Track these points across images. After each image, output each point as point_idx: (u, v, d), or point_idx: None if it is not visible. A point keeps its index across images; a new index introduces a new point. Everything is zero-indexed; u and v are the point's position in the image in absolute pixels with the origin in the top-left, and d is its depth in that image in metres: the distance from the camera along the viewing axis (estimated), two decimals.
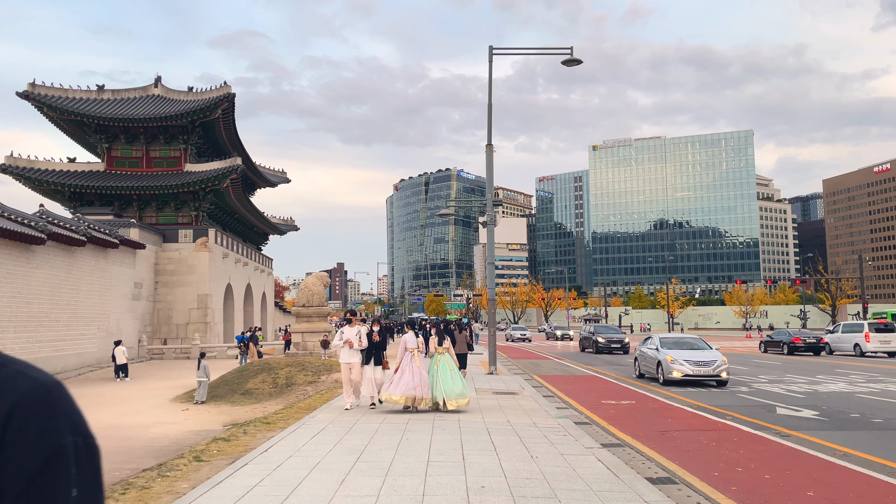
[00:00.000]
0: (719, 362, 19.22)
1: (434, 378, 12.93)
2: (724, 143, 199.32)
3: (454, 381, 13.03)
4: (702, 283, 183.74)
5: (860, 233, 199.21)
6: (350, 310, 15.02)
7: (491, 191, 22.31)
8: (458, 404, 12.76)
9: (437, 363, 13.17)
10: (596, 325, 40.93)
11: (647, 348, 21.79)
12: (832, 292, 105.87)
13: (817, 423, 12.25)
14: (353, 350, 13.24)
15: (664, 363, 19.68)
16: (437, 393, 12.82)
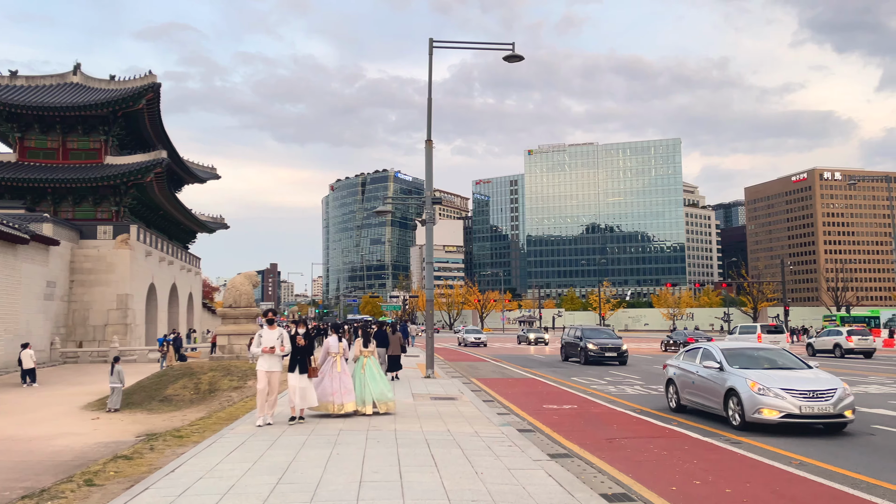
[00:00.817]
0: (840, 392, 11.24)
1: (361, 381, 12.74)
2: (654, 151, 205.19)
3: (384, 383, 13.09)
4: (631, 286, 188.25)
5: (779, 239, 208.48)
6: (270, 308, 12.96)
7: (430, 187, 21.51)
8: (388, 407, 12.80)
9: (363, 366, 13.01)
10: (583, 328, 32.46)
11: (699, 366, 13.45)
12: (754, 295, 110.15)
13: None
14: (273, 356, 11.28)
15: (745, 393, 11.46)
16: (366, 397, 12.65)
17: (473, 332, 52.66)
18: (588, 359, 29.69)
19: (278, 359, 11.37)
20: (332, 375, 12.34)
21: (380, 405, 12.70)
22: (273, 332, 11.34)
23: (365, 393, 12.61)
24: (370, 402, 12.56)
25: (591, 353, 29.70)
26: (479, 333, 52.19)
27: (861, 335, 36.18)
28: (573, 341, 31.79)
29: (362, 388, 12.64)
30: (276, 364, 11.33)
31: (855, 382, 21.13)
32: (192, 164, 60.05)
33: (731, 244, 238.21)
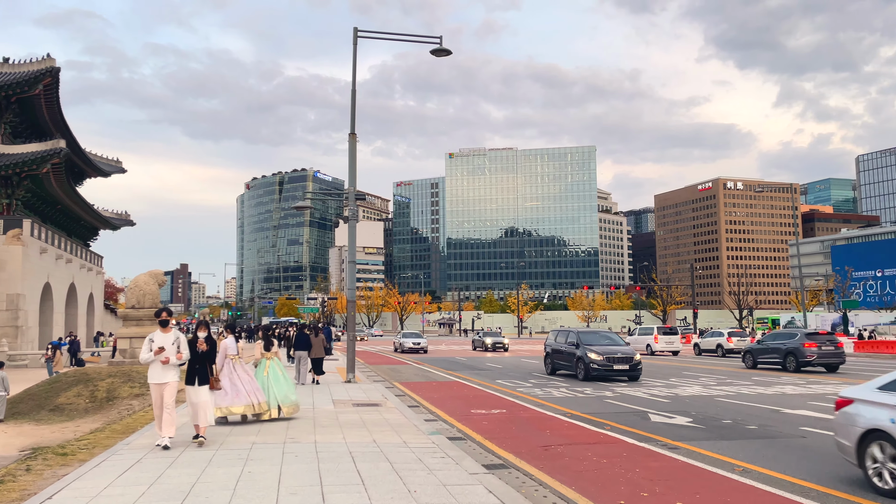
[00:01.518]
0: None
1: (265, 385, 12.36)
2: (570, 158, 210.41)
3: (288, 385, 12.69)
4: (548, 289, 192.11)
5: (686, 244, 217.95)
6: (164, 308, 10.85)
7: (354, 182, 20.53)
8: (292, 410, 12.46)
9: (266, 369, 12.67)
10: (579, 332, 24.59)
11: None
12: (663, 298, 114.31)
13: (696, 431, 11.72)
14: (168, 365, 9.39)
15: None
16: (271, 400, 12.17)
17: (412, 337, 45.07)
18: (590, 373, 22.04)
19: (174, 368, 9.52)
20: (241, 378, 11.68)
21: (284, 408, 12.31)
22: (167, 336, 9.46)
23: (269, 396, 12.28)
24: (275, 405, 12.26)
25: (595, 365, 21.97)
26: (419, 338, 44.77)
27: (740, 336, 39.25)
28: (565, 349, 24.12)
29: (266, 392, 12.31)
30: (171, 373, 9.45)
31: (770, 384, 21.62)
32: (96, 156, 56.28)
33: (642, 249, 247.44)
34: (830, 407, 15.06)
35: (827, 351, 26.60)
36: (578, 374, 22.85)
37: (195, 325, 10.35)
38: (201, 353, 9.77)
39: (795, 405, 15.48)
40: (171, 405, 9.36)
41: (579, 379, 22.53)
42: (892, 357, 38.59)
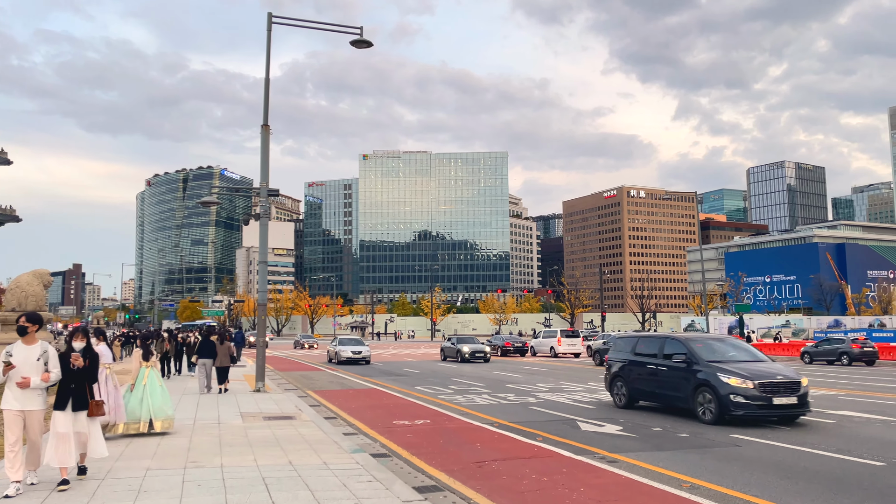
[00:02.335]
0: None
1: (139, 396, 11.47)
2: (483, 162, 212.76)
3: (164, 397, 11.80)
4: (460, 292, 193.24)
5: (591, 250, 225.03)
6: (25, 313, 7.87)
7: (266, 177, 19.19)
8: (166, 425, 11.56)
9: (144, 378, 11.80)
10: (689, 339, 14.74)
11: None
12: (572, 302, 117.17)
13: (630, 441, 11.30)
14: (31, 389, 7.19)
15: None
16: (143, 413, 11.18)
17: (351, 344, 36.42)
18: (729, 412, 12.65)
19: (39, 392, 7.30)
20: (108, 391, 10.46)
21: (157, 423, 11.38)
22: (31, 350, 7.27)
23: (142, 409, 11.29)
24: (146, 418, 11.30)
25: (741, 398, 12.45)
26: (360, 345, 36.21)
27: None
28: (661, 367, 14.65)
29: (139, 404, 11.31)
30: (36, 400, 7.25)
31: None
32: None
33: (550, 254, 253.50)
34: None
35: None
36: (703, 414, 13.22)
37: (69, 333, 8.11)
38: (77, 370, 7.59)
39: None
40: (38, 436, 7.32)
41: (705, 421, 13.07)
42: (789, 358, 40.59)
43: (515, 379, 25.03)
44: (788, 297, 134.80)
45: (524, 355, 44.73)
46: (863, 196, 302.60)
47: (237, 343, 32.68)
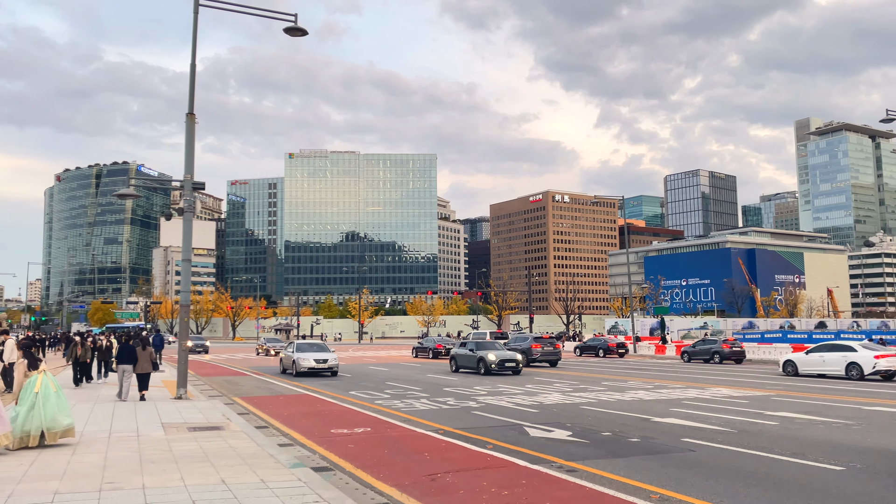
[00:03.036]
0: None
1: (32, 404, 10.36)
2: (412, 164, 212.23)
3: (60, 406, 10.67)
4: (388, 294, 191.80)
5: (518, 252, 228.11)
6: None
7: (191, 169, 17.91)
8: (63, 437, 10.59)
9: (37, 386, 10.66)
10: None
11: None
12: (499, 304, 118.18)
13: (583, 447, 10.89)
14: None
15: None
16: (33, 424, 10.13)
17: (312, 350, 29.28)
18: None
19: None
20: None
21: (49, 435, 10.33)
22: None
23: (32, 419, 10.17)
24: (37, 430, 10.24)
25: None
26: (323, 351, 29.17)
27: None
28: None
29: (28, 413, 10.20)
30: None
31: (623, 389, 21.85)
32: None
33: (477, 256, 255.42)
34: (694, 413, 15.10)
35: (548, 350, 35.28)
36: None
37: None
38: None
39: (660, 412, 15.36)
40: None
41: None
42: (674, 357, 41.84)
43: (452, 382, 24.50)
44: (703, 300, 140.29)
45: None
46: (770, 204, 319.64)
47: (156, 347, 30.81)
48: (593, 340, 50.88)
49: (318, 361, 28.11)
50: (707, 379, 26.05)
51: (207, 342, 58.47)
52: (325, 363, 28.15)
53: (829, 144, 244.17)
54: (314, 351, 29.10)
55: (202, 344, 56.56)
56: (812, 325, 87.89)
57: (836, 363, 26.01)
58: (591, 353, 48.34)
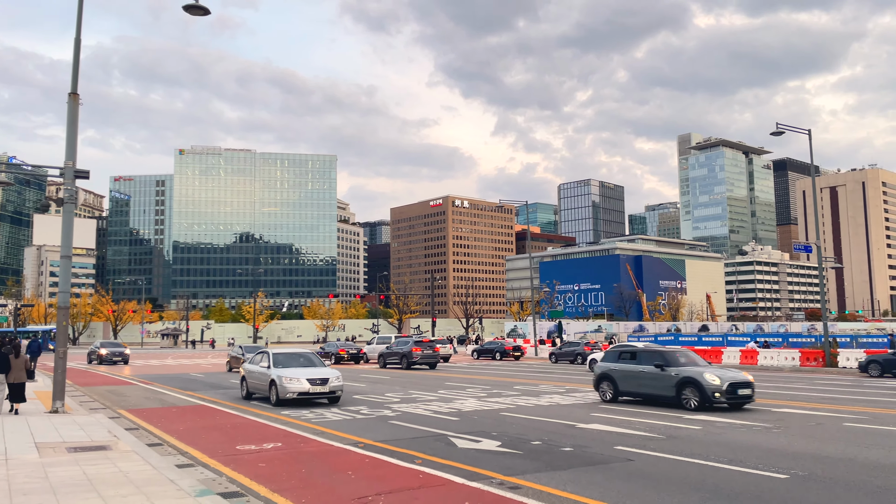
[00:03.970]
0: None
1: None
2: (311, 165, 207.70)
3: None
4: (283, 297, 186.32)
5: (418, 256, 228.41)
6: None
7: (73, 155, 15.95)
8: None
9: None
10: None
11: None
12: (400, 308, 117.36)
13: (517, 459, 10.25)
14: None
15: None
16: None
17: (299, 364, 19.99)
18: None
19: None
20: None
21: None
22: None
23: None
24: None
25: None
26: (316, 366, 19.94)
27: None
28: None
29: None
30: None
31: (539, 393, 21.59)
32: None
33: (377, 260, 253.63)
34: (616, 419, 14.88)
35: (427, 353, 36.29)
36: None
37: None
38: None
39: (583, 418, 15.04)
40: None
41: None
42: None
43: (361, 389, 23.42)
44: (594, 304, 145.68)
45: (358, 363, 43.11)
46: (654, 214, 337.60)
47: (33, 353, 27.83)
48: (490, 344, 51.24)
49: (313, 383, 18.29)
50: None
51: (127, 349, 45.74)
52: (325, 385, 18.39)
53: (708, 159, 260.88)
54: (302, 365, 19.78)
55: (119, 352, 44.29)
56: (696, 329, 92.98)
57: None
58: (487, 356, 48.47)
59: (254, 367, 20.40)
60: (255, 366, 20.46)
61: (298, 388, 18.09)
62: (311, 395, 18.21)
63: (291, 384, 18.11)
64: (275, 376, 18.55)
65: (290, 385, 18.11)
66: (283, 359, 19.94)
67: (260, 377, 19.63)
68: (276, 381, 18.34)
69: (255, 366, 20.46)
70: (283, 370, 18.89)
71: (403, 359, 36.33)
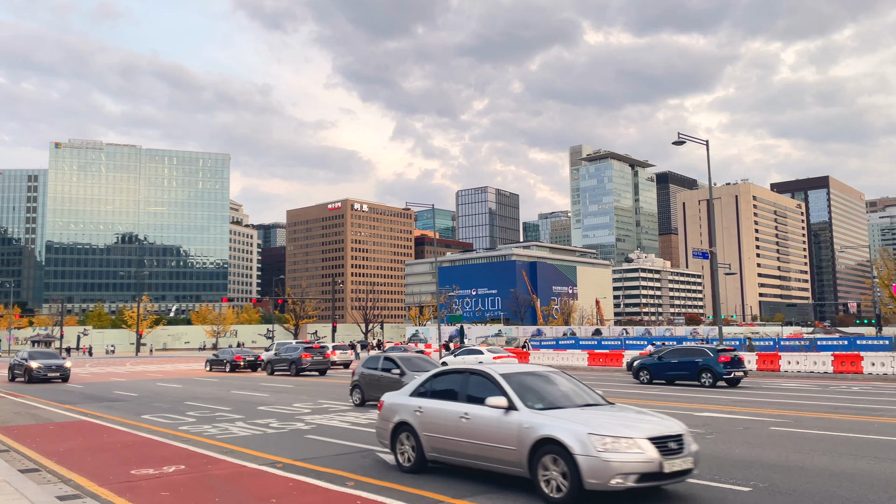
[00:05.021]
0: None
1: None
2: (202, 163, 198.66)
3: None
4: (170, 302, 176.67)
5: (315, 260, 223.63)
6: None
7: None
8: None
9: None
10: None
11: None
12: (297, 313, 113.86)
13: (460, 478, 9.37)
14: None
15: None
16: None
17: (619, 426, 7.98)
18: None
19: None
20: None
21: None
22: None
23: None
24: None
25: None
26: (644, 417, 8.44)
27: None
28: None
29: None
30: None
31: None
32: None
33: (271, 263, 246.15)
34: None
35: (318, 360, 35.80)
36: None
37: None
38: None
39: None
40: None
41: None
42: None
43: (265, 399, 21.78)
44: (491, 309, 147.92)
45: (256, 370, 40.80)
46: (547, 222, 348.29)
47: None
48: (394, 349, 50.31)
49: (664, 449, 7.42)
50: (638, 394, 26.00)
51: (68, 362, 33.64)
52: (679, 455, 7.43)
53: (598, 170, 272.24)
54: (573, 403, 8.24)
55: (55, 364, 32.73)
56: (590, 333, 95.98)
57: None
58: None
59: (435, 406, 9.39)
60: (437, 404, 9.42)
61: None
62: None
63: None
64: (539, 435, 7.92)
65: None
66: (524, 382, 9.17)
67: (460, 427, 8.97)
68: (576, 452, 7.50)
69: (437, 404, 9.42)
70: None
71: (292, 365, 35.46)
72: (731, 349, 26.80)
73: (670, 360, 26.79)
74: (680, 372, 26.23)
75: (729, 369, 24.76)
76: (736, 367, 24.93)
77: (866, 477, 8.90)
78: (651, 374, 27.26)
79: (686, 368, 25.97)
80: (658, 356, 28.00)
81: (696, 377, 25.51)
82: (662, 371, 26.92)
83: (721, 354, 25.24)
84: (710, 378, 24.96)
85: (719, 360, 24.94)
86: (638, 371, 27.91)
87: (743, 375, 25.22)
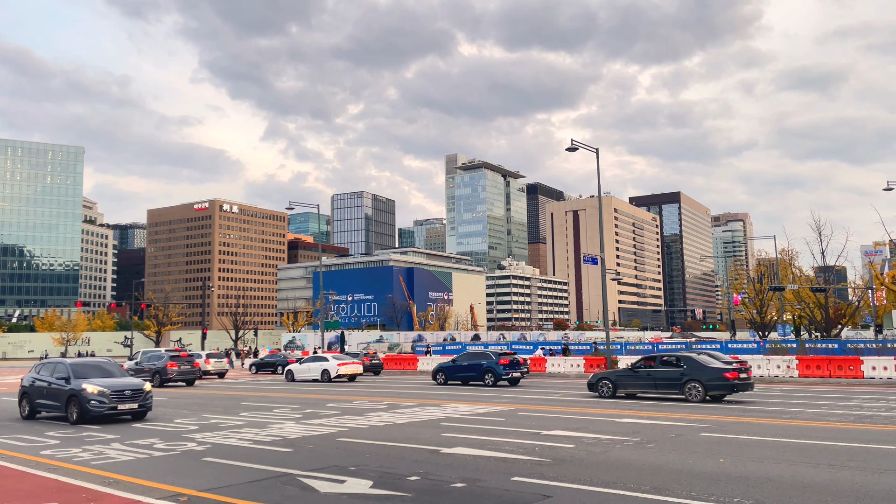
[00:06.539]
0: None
1: None
2: (51, 156, 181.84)
3: None
4: (11, 307, 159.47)
5: (178, 263, 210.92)
6: None
7: None
8: None
9: None
10: None
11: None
12: (159, 319, 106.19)
13: (399, 502, 8.08)
14: None
15: None
16: None
17: None
18: None
19: None
20: None
21: None
22: None
23: None
24: None
25: None
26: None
27: None
28: None
29: None
30: None
31: (363, 411, 19.37)
32: None
33: (129, 266, 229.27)
34: (474, 439, 13.32)
35: (185, 369, 33.77)
36: None
37: None
38: None
39: (439, 441, 13.21)
40: None
41: None
42: (405, 372, 41.78)
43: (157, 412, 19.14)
44: (367, 315, 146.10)
45: None
46: (422, 229, 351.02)
47: None
48: (271, 357, 47.46)
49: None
50: (434, 395, 24.93)
51: None
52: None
53: (472, 179, 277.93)
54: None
55: None
56: (470, 337, 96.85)
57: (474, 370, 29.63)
58: (268, 370, 44.83)
59: None
60: None
61: None
62: None
63: None
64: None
65: None
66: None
67: None
68: None
69: None
70: None
71: (156, 375, 33.23)
72: (512, 353, 30.59)
73: (462, 363, 30.05)
74: (469, 373, 29.50)
75: (507, 370, 28.52)
76: (514, 369, 28.70)
77: None
78: (446, 376, 30.14)
79: (474, 370, 29.28)
80: (453, 360, 31.10)
81: (481, 377, 28.99)
82: (455, 373, 29.97)
83: (501, 357, 28.98)
84: (491, 378, 28.58)
85: (499, 363, 28.65)
86: (435, 373, 30.75)
87: (520, 376, 29.01)
